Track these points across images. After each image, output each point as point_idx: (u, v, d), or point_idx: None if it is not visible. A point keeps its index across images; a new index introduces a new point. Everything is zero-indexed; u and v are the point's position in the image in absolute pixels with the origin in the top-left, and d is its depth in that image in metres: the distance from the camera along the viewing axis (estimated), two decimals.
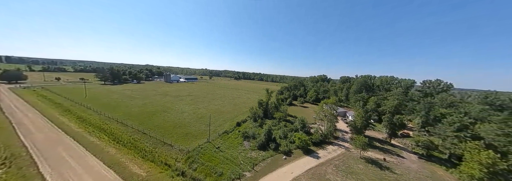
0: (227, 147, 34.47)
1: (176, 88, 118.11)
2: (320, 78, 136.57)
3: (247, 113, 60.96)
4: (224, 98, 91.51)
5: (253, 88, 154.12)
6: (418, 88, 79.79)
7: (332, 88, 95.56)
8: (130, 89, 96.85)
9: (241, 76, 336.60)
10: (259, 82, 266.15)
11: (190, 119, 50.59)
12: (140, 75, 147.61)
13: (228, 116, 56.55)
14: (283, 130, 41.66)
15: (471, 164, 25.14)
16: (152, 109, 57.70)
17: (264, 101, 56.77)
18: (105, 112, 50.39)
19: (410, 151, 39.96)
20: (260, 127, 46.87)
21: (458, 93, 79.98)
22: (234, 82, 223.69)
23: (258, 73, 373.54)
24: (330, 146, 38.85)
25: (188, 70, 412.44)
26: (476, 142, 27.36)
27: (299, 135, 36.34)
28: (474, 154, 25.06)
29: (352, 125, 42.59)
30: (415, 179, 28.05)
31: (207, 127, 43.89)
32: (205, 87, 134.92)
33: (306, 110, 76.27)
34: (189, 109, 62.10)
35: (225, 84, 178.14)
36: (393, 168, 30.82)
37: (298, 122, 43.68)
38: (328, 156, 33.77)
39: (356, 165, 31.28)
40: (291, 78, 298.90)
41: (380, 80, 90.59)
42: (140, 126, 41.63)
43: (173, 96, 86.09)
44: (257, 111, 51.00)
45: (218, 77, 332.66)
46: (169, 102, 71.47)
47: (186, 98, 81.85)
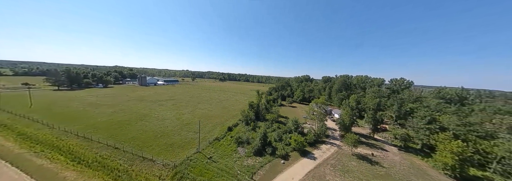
0: (220, 156, 31.42)
1: (154, 92, 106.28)
2: (304, 78, 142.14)
3: (237, 116, 58.23)
4: (211, 100, 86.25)
5: (241, 90, 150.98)
6: (386, 86, 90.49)
7: (316, 87, 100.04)
8: (95, 95, 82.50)
9: (226, 77, 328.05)
10: (245, 84, 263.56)
11: (173, 126, 45.12)
12: (108, 78, 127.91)
13: (217, 121, 52.79)
14: (278, 132, 40.69)
15: (444, 153, 28.49)
16: (125, 118, 49.56)
17: (255, 103, 55.04)
18: (61, 125, 40.79)
19: (390, 143, 43.83)
20: (253, 130, 44.97)
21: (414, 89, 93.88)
22: (220, 84, 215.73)
23: (244, 74, 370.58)
24: (323, 145, 39.57)
25: (167, 72, 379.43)
26: (445, 133, 31.23)
27: (295, 137, 35.84)
28: (446, 144, 28.43)
29: (340, 123, 44.51)
30: (400, 170, 30.39)
31: (195, 134, 39.78)
32: (189, 90, 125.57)
33: (295, 110, 77.68)
34: (171, 115, 55.75)
35: (210, 86, 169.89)
36: (381, 162, 32.92)
37: (291, 123, 43.42)
38: (323, 156, 34.08)
39: (349, 162, 32.30)
40: (276, 78, 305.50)
41: (356, 79, 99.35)
42: (110, 139, 34.79)
43: (151, 101, 76.68)
44: (249, 113, 48.95)
45: (201, 79, 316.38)
46: (147, 108, 63.08)
47: (167, 103, 73.87)
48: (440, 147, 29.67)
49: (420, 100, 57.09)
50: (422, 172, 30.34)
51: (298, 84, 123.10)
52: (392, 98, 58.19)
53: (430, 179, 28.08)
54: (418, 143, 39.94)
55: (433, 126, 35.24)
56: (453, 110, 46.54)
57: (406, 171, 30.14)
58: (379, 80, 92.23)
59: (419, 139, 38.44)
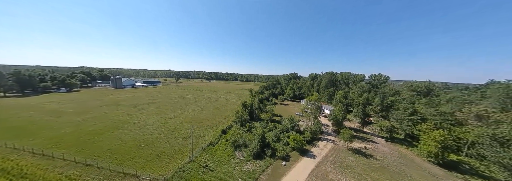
0: (217, 163, 28.87)
1: (132, 95, 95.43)
2: (292, 76, 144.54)
3: (230, 117, 55.50)
4: (200, 102, 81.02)
5: (230, 89, 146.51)
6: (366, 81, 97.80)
7: (305, 85, 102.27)
8: (56, 102, 69.95)
9: (213, 77, 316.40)
10: (234, 83, 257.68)
11: (159, 133, 40.40)
12: (72, 81, 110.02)
13: (209, 124, 49.31)
14: (275, 132, 39.61)
15: (428, 142, 31.06)
16: (97, 127, 42.59)
17: (248, 103, 52.94)
18: (8, 141, 32.68)
19: (378, 135, 46.82)
20: (249, 131, 43.11)
21: (388, 83, 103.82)
22: (207, 84, 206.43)
23: (232, 73, 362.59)
24: (319, 142, 39.99)
25: (146, 72, 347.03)
26: (428, 123, 34.13)
27: (293, 136, 35.20)
28: (430, 133, 30.97)
29: (334, 119, 45.69)
30: (392, 161, 32.29)
31: (185, 140, 36.22)
32: (173, 92, 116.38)
33: (287, 108, 78.04)
34: (155, 120, 50.12)
35: (197, 87, 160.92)
36: (374, 155, 34.55)
37: (288, 121, 42.76)
38: (321, 153, 34.25)
39: (347, 157, 33.06)
40: (265, 77, 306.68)
41: (341, 76, 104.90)
42: (79, 155, 29.12)
43: (130, 105, 68.24)
44: (243, 114, 46.68)
45: (186, 79, 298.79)
46: (125, 113, 55.66)
47: (149, 107, 66.62)
48: (424, 136, 32.26)
49: (398, 93, 62.63)
50: (410, 161, 32.74)
51: (287, 82, 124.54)
52: (373, 92, 62.82)
53: (417, 167, 30.36)
54: (401, 134, 43.44)
55: (415, 117, 38.41)
56: (425, 101, 52.10)
57: (397, 162, 32.13)
58: (361, 76, 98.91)
59: (403, 129, 41.74)
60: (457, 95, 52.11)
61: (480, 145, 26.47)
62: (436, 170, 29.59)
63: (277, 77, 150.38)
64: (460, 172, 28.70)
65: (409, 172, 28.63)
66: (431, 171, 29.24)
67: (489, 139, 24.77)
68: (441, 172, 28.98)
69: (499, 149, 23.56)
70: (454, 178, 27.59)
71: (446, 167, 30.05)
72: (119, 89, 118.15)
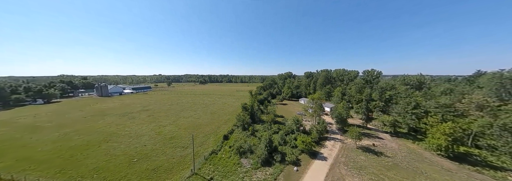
0: (223, 174, 26.09)
1: (120, 103, 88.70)
2: (287, 75, 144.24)
3: (230, 121, 52.62)
4: (195, 106, 76.89)
5: (226, 92, 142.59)
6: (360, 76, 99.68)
7: (302, 83, 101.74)
8: (32, 115, 62.49)
9: (207, 79, 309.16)
10: (229, 85, 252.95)
11: (154, 144, 36.58)
12: (51, 91, 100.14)
13: (208, 129, 46.05)
14: (280, 134, 37.53)
15: (437, 135, 30.68)
16: (80, 141, 37.69)
17: (248, 105, 50.45)
18: None
19: (382, 131, 46.52)
20: (253, 135, 40.61)
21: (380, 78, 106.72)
22: (201, 87, 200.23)
23: (226, 75, 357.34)
24: (327, 142, 38.56)
25: (134, 78, 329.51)
26: (435, 116, 33.91)
27: (301, 137, 33.31)
28: (438, 126, 30.58)
29: (337, 116, 44.65)
30: (403, 158, 31.52)
31: (184, 150, 33.08)
32: (166, 97, 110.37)
33: (286, 107, 76.48)
34: (148, 129, 45.89)
35: (191, 90, 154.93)
36: (384, 152, 33.66)
37: (292, 122, 40.86)
38: (332, 154, 32.70)
39: (358, 157, 31.79)
40: (260, 77, 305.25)
41: (336, 73, 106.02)
42: (59, 177, 24.91)
43: (118, 114, 62.66)
44: (244, 117, 44.03)
45: (178, 83, 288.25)
46: (113, 124, 50.58)
47: (141, 115, 61.60)
48: (432, 130, 31.86)
49: (395, 88, 63.61)
50: (420, 156, 32.19)
51: (283, 82, 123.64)
52: (369, 87, 63.63)
53: (429, 162, 29.78)
54: (404, 128, 43.41)
55: (418, 110, 38.37)
56: (421, 94, 53.14)
57: (408, 158, 31.39)
58: (355, 73, 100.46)
59: (406, 123, 41.66)
60: (450, 86, 53.86)
61: (489, 135, 26.39)
62: (447, 164, 29.18)
63: (273, 77, 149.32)
64: (471, 164, 28.50)
65: (423, 168, 27.86)
66: (443, 165, 28.75)
67: (499, 129, 24.67)
68: (453, 166, 28.58)
69: (510, 139, 23.39)
70: (467, 170, 27.24)
71: (456, 160, 29.81)
72: (106, 98, 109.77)
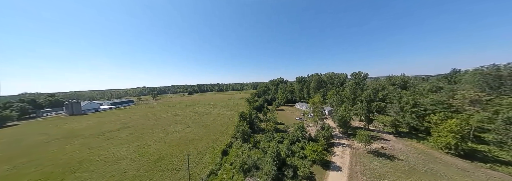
0: None
1: (96, 121, 77.49)
2: (279, 81, 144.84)
3: (227, 132, 47.78)
4: (186, 119, 70.02)
5: (218, 101, 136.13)
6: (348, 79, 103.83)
7: (295, 88, 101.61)
8: None
9: (196, 89, 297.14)
10: (220, 93, 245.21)
11: (136, 169, 30.25)
12: (6, 113, 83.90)
13: (203, 144, 40.58)
14: (286, 143, 34.09)
15: (444, 133, 30.22)
16: (37, 175, 29.49)
17: (246, 113, 46.71)
18: None
19: (383, 131, 45.89)
20: (255, 147, 36.40)
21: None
22: (190, 98, 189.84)
23: (216, 84, 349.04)
24: (335, 148, 36.06)
25: (114, 92, 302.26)
26: (438, 114, 33.91)
27: (311, 146, 30.26)
28: (445, 124, 30.19)
29: (340, 120, 43.18)
30: (415, 159, 30.11)
31: (175, 174, 27.82)
32: (151, 111, 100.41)
33: (284, 113, 73.85)
34: (130, 150, 38.80)
35: (180, 102, 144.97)
36: (395, 155, 32.06)
37: (297, 128, 37.92)
38: (345, 162, 29.99)
39: (372, 163, 29.56)
40: (251, 84, 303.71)
41: (326, 76, 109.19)
42: None
43: (91, 135, 53.38)
44: (244, 127, 39.95)
45: (165, 95, 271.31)
46: (84, 148, 42.10)
47: (120, 133, 53.23)
48: (438, 128, 31.46)
49: (386, 88, 66.03)
50: (430, 156, 31.11)
51: (275, 87, 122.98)
52: (360, 89, 65.39)
53: (442, 162, 28.64)
54: (405, 127, 43.32)
55: (417, 109, 38.72)
56: (410, 93, 55.39)
57: (421, 159, 30.02)
58: (344, 76, 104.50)
59: (406, 123, 41.62)
60: (437, 84, 57.39)
61: (495, 130, 26.58)
62: (460, 163, 28.31)
63: (266, 84, 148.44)
64: (482, 161, 28.00)
65: (440, 170, 26.44)
66: (457, 165, 27.76)
67: (505, 123, 24.91)
68: (466, 165, 27.74)
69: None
70: (481, 169, 26.47)
71: (466, 158, 29.23)
72: (78, 116, 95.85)
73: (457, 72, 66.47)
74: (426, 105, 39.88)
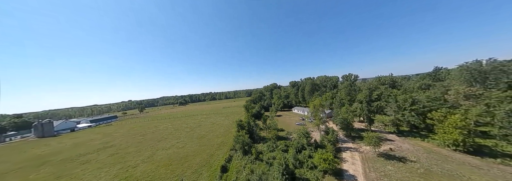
0: None
1: (71, 143, 67.91)
2: (273, 86, 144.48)
3: (225, 144, 43.54)
4: (177, 132, 63.96)
5: (212, 110, 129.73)
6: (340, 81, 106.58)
7: (290, 92, 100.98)
8: None
9: (187, 100, 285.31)
10: (213, 103, 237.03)
11: None
12: None
13: (198, 161, 35.87)
14: (292, 153, 31.05)
15: (449, 130, 29.71)
16: None
17: (244, 121, 43.41)
18: None
19: (385, 131, 45.05)
20: (258, 159, 32.75)
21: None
22: (182, 109, 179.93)
23: (209, 93, 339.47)
24: (343, 154, 33.78)
25: (95, 108, 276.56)
26: (440, 110, 33.80)
27: (320, 155, 27.61)
28: (450, 119, 29.74)
29: (343, 122, 41.72)
30: (428, 160, 28.78)
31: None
32: (137, 126, 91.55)
33: (282, 119, 71.17)
34: (109, 176, 32.85)
35: (170, 114, 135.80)
36: (406, 156, 30.58)
37: (301, 134, 35.29)
38: (358, 170, 27.60)
39: (386, 168, 27.57)
40: (245, 92, 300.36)
41: (319, 80, 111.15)
42: None
43: (63, 160, 45.45)
44: (244, 137, 36.40)
45: (154, 108, 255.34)
46: (50, 177, 34.85)
47: (100, 155, 46.07)
48: (444, 124, 30.85)
49: (378, 88, 67.66)
50: (439, 154, 30.10)
51: (270, 93, 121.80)
52: (353, 90, 66.56)
53: (454, 161, 27.59)
54: (406, 126, 43.00)
55: (417, 106, 38.80)
56: (401, 91, 56.95)
57: (433, 159, 28.74)
58: (336, 78, 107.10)
59: (407, 121, 41.36)
60: (425, 81, 60.03)
61: (498, 123, 26.58)
62: (470, 160, 27.45)
63: (260, 90, 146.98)
64: (491, 156, 27.45)
65: (454, 169, 25.15)
66: (469, 162, 26.81)
67: (507, 116, 25.00)
68: (478, 161, 26.92)
69: None
70: (492, 164, 25.73)
71: (474, 154, 28.60)
72: (50, 139, 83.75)
73: (439, 70, 71.10)
74: (423, 102, 40.32)
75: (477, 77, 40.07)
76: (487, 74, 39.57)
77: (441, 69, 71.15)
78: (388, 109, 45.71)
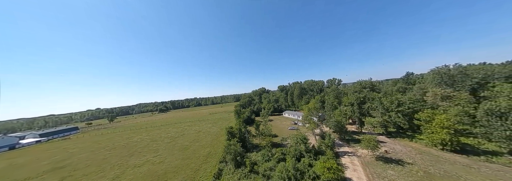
0: None
1: (6, 165, 52.80)
2: (262, 91, 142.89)
3: (213, 155, 38.30)
4: (155, 144, 55.13)
5: (197, 117, 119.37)
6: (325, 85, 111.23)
7: (280, 96, 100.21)
8: None
9: (169, 106, 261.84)
10: (198, 109, 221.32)
11: None
12: None
13: (180, 179, 29.81)
14: (291, 162, 27.94)
15: (436, 130, 30.86)
16: None
17: (235, 128, 39.18)
18: None
19: (375, 133, 45.91)
20: (253, 172, 28.65)
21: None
22: (162, 116, 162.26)
23: (194, 98, 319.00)
24: (342, 159, 32.14)
25: (50, 119, 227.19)
26: (426, 110, 35.39)
27: (323, 163, 25.13)
28: (437, 119, 30.98)
29: (337, 125, 40.98)
30: (421, 161, 28.96)
31: None
32: (104, 138, 77.42)
33: (274, 123, 68.16)
34: None
35: (147, 123, 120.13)
36: (402, 158, 30.41)
37: (299, 140, 32.65)
38: (362, 177, 25.94)
39: (387, 172, 26.56)
40: (233, 97, 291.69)
41: (306, 84, 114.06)
42: None
43: None
44: (236, 147, 32.04)
45: (128, 117, 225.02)
46: None
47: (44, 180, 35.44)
48: (431, 124, 32.05)
49: (362, 91, 71.28)
50: (431, 155, 30.73)
51: (259, 97, 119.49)
52: (338, 93, 69.26)
53: (446, 161, 28.17)
54: (392, 127, 44.57)
55: (403, 107, 40.58)
56: (382, 94, 60.82)
57: (427, 160, 28.94)
58: (321, 82, 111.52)
59: (393, 122, 42.90)
60: (402, 85, 65.37)
61: (479, 122, 28.52)
62: (459, 159, 28.41)
63: (249, 94, 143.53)
64: (475, 154, 28.95)
65: (450, 169, 25.43)
66: (459, 161, 27.64)
67: (486, 114, 26.92)
68: (466, 160, 27.97)
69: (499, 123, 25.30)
70: (478, 162, 26.94)
71: (460, 153, 29.92)
72: None
73: (410, 75, 79.49)
74: (407, 104, 42.63)
75: (446, 81, 44.68)
76: (454, 78, 44.50)
77: (412, 74, 79.52)
78: (375, 111, 47.23)
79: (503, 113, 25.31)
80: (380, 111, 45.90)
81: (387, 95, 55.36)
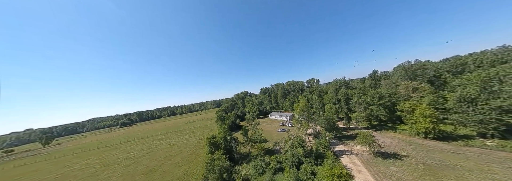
0: None
1: None
2: (244, 94, 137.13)
3: (191, 176, 29.62)
4: (107, 170, 40.99)
5: (171, 128, 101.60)
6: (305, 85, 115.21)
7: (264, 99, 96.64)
8: None
9: (134, 119, 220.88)
10: (173, 118, 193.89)
11: None
12: None
13: None
14: (291, 172, 23.01)
15: (419, 119, 32.00)
16: None
17: (219, 137, 32.04)
18: None
19: (361, 128, 46.50)
20: None
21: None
22: (122, 132, 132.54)
23: (167, 108, 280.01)
24: (342, 160, 29.34)
25: None
26: (409, 102, 36.89)
27: (331, 170, 21.11)
28: (419, 109, 32.13)
29: (328, 123, 39.07)
30: (415, 152, 28.82)
31: None
32: (27, 171, 54.96)
33: (261, 127, 62.57)
34: None
35: (101, 142, 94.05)
36: (397, 152, 29.83)
37: (295, 144, 28.28)
38: (369, 179, 23.10)
39: (390, 169, 24.87)
40: (213, 102, 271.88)
41: (288, 85, 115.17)
42: None
43: None
44: (222, 161, 25.01)
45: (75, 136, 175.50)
46: None
47: None
48: (414, 114, 33.13)
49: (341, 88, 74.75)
50: (418, 144, 31.28)
51: (242, 101, 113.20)
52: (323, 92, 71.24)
53: (435, 149, 28.60)
54: (374, 120, 46.16)
55: (384, 101, 42.21)
56: (357, 91, 65.02)
57: (420, 151, 28.85)
58: (302, 83, 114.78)
59: (376, 115, 44.37)
60: (373, 81, 71.60)
61: (454, 109, 30.74)
62: (444, 146, 29.50)
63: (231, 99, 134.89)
64: (454, 140, 30.81)
65: (444, 159, 25.56)
66: (447, 149, 28.48)
67: (458, 101, 29.11)
68: (450, 147, 29.11)
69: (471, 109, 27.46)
70: (461, 147, 28.31)
71: (441, 140, 31.48)
72: None
73: (376, 72, 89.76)
74: (386, 97, 44.99)
75: (410, 75, 50.22)
76: (416, 72, 50.44)
77: (377, 72, 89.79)
78: (359, 106, 48.40)
79: (473, 99, 27.68)
80: (363, 106, 47.11)
81: (364, 91, 58.88)
